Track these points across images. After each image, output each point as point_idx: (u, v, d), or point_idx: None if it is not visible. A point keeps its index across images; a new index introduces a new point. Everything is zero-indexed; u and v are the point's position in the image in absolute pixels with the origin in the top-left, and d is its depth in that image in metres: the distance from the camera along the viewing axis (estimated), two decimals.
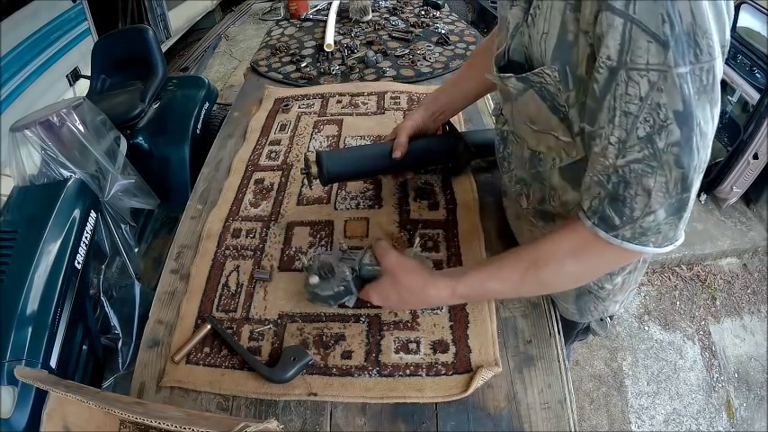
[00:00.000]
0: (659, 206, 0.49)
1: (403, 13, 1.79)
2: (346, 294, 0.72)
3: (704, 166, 0.48)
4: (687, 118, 0.44)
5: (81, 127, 1.35)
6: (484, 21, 3.78)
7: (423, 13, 1.77)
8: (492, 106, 1.25)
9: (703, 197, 2.31)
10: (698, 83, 0.43)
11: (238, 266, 0.85)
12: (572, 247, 0.56)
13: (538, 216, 0.73)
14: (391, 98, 1.27)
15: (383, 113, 1.21)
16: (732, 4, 0.46)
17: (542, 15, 0.53)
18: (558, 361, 0.70)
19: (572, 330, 0.94)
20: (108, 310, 1.38)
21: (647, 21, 0.42)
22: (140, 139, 1.80)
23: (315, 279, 0.70)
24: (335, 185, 0.99)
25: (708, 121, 0.46)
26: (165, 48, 3.40)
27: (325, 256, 0.74)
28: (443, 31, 1.60)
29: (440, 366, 0.68)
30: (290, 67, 1.48)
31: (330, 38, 1.55)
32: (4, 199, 1.30)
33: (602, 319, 0.87)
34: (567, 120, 0.57)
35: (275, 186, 1.01)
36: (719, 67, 0.44)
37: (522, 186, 0.74)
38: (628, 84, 0.45)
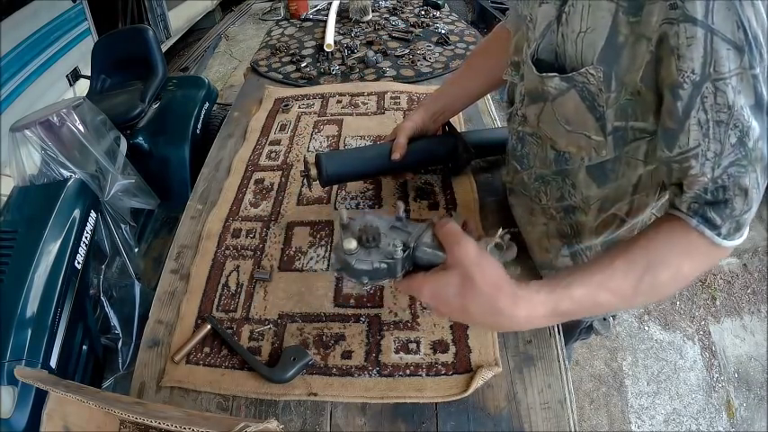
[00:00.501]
0: (754, 202, 0.50)
1: (403, 13, 1.79)
2: (388, 275, 0.54)
3: None
4: (759, 109, 0.46)
5: (81, 127, 1.35)
6: (484, 21, 3.78)
7: (423, 13, 1.77)
8: (492, 106, 1.25)
9: None
10: (764, 78, 0.46)
11: (238, 266, 0.85)
12: (685, 246, 0.53)
13: (559, 209, 0.74)
14: (391, 98, 1.27)
15: (383, 113, 1.21)
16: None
17: (578, 14, 0.53)
18: (558, 361, 0.70)
19: (574, 330, 0.94)
20: (108, 310, 1.38)
21: (724, 29, 0.43)
22: (140, 139, 1.80)
23: (352, 244, 0.52)
24: (335, 185, 0.99)
25: None
26: (165, 48, 3.40)
27: (372, 217, 0.56)
28: (443, 31, 1.60)
29: (440, 366, 0.68)
30: (290, 67, 1.48)
31: (330, 38, 1.55)
32: (4, 199, 1.30)
33: (604, 319, 0.87)
34: (603, 119, 0.57)
35: (275, 186, 1.01)
36: None
37: (540, 183, 0.74)
38: (716, 94, 0.46)
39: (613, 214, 0.68)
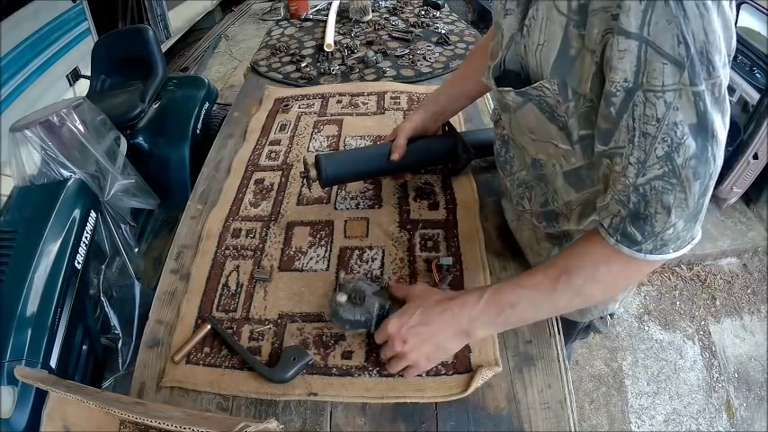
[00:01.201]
0: (678, 219, 0.50)
1: (403, 13, 1.79)
2: (365, 327, 0.69)
3: (718, 171, 0.49)
4: (702, 129, 0.45)
5: (81, 127, 1.36)
6: (484, 21, 3.78)
7: (423, 13, 1.77)
8: (492, 106, 1.25)
9: None
10: (710, 97, 0.44)
11: (238, 266, 0.85)
12: (601, 254, 0.56)
13: (541, 217, 0.73)
14: (391, 98, 1.27)
15: (383, 113, 1.21)
16: (734, 4, 0.46)
17: (537, 26, 0.53)
18: (558, 361, 0.70)
19: (573, 329, 0.94)
20: (108, 310, 1.38)
21: (661, 42, 0.42)
22: (140, 139, 1.80)
23: (342, 297, 0.68)
24: (335, 186, 0.99)
25: (722, 129, 0.46)
26: (165, 48, 3.40)
27: (362, 283, 0.72)
28: (443, 31, 1.60)
29: (440, 366, 0.68)
30: (290, 67, 1.48)
31: (330, 38, 1.55)
32: (4, 199, 1.30)
33: (601, 317, 0.87)
34: (567, 128, 0.57)
35: (275, 186, 1.01)
36: (727, 77, 0.45)
37: (524, 189, 0.74)
38: (645, 105, 0.45)
39: (594, 220, 0.68)
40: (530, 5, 0.55)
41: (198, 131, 1.90)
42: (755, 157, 2.02)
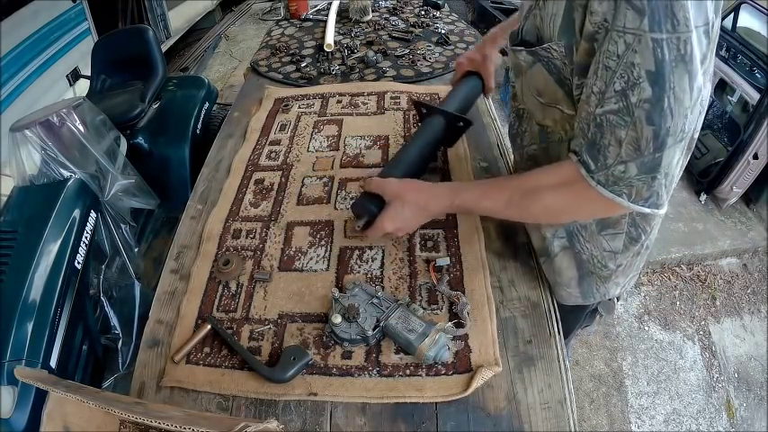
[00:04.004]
0: (629, 159, 0.54)
1: (403, 13, 1.79)
2: (363, 342, 0.72)
3: (681, 135, 0.52)
4: (659, 79, 0.49)
5: (81, 127, 1.35)
6: (484, 21, 3.77)
7: (423, 13, 1.77)
8: (492, 106, 1.25)
9: (703, 197, 2.31)
10: (675, 51, 0.48)
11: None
12: (556, 181, 0.63)
13: None
14: (391, 98, 1.27)
15: (383, 113, 1.21)
16: None
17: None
18: (558, 361, 0.70)
19: (580, 314, 0.94)
20: (108, 310, 1.38)
21: None
22: (140, 139, 1.80)
23: (338, 319, 0.71)
24: (335, 185, 0.99)
25: (685, 90, 0.49)
26: (165, 48, 3.40)
27: (358, 290, 0.75)
28: (443, 31, 1.60)
29: (439, 366, 0.68)
30: (290, 67, 1.48)
31: (330, 38, 1.55)
32: (4, 199, 1.30)
33: (609, 299, 0.87)
34: (572, 94, 0.62)
35: (275, 186, 1.01)
36: (697, 41, 0.48)
37: (532, 164, 0.76)
38: (608, 41, 0.51)
39: None
40: None
41: (198, 131, 1.90)
42: (755, 157, 2.02)
